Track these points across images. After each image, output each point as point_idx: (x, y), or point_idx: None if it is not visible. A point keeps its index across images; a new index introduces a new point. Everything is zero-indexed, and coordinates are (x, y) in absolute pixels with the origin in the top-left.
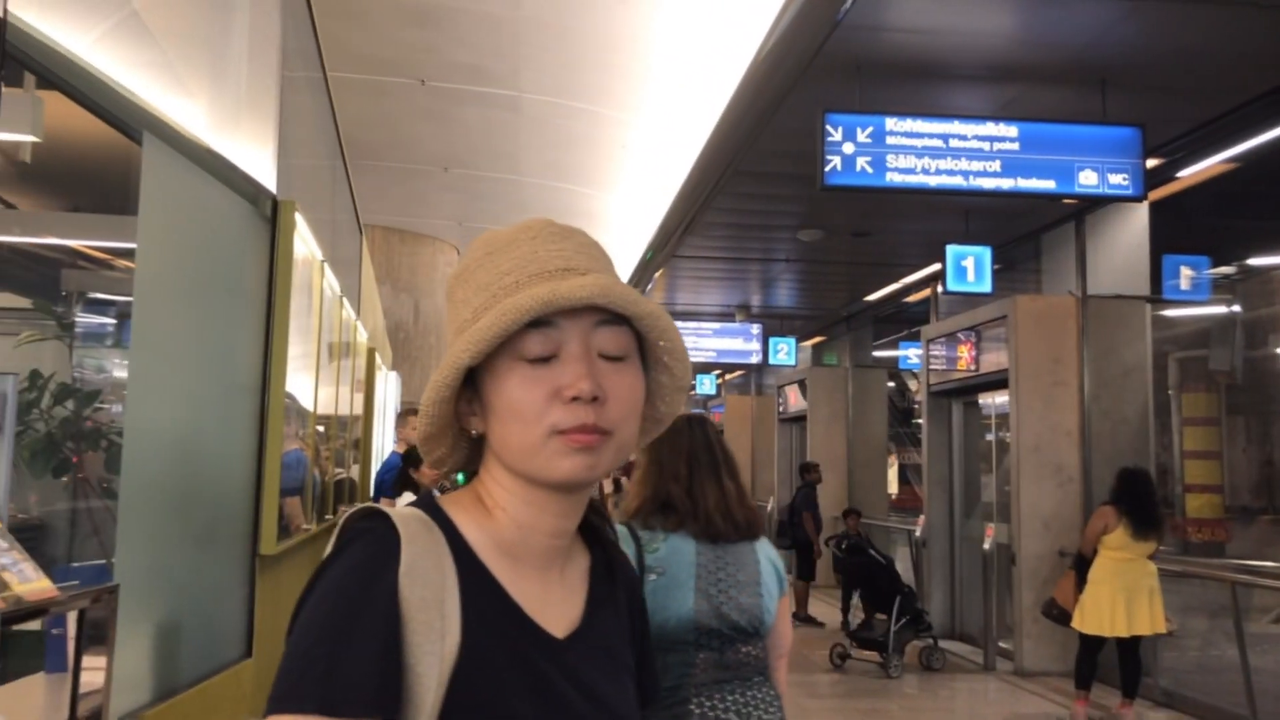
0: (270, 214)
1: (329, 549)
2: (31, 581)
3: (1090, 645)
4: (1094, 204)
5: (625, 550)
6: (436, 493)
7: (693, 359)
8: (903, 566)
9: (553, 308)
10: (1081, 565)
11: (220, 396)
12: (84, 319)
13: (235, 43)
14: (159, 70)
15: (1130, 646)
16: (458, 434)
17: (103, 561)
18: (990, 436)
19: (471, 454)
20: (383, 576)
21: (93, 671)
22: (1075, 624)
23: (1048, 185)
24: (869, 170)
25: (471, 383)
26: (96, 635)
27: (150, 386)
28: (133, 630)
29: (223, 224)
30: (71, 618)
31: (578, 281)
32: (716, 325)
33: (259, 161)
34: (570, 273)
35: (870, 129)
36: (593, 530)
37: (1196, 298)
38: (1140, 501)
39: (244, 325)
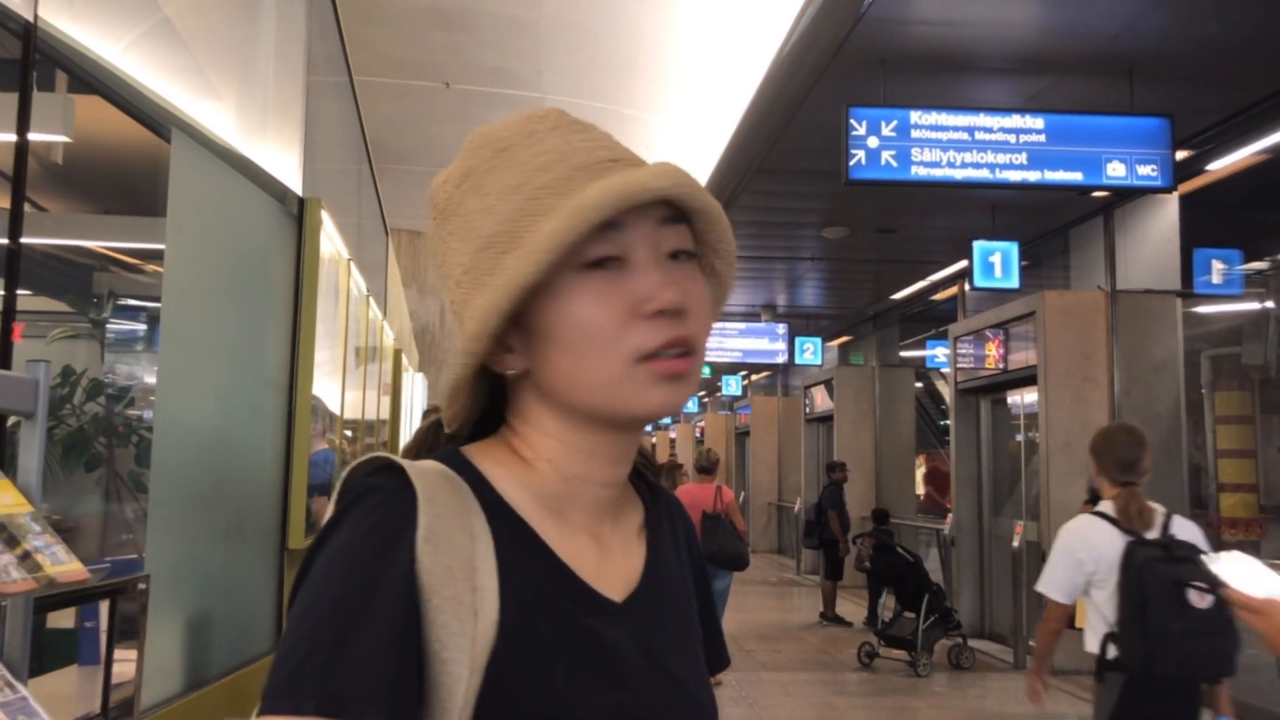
0: (297, 212)
1: (330, 510)
2: (64, 564)
3: None
4: (1122, 197)
5: None
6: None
7: (718, 359)
8: (932, 566)
9: (629, 201)
10: None
11: (248, 393)
12: (115, 324)
13: (263, 48)
14: (188, 74)
15: None
16: (481, 380)
17: (134, 556)
18: (1019, 435)
19: (478, 404)
20: (396, 544)
21: (124, 663)
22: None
23: (1075, 177)
24: (894, 164)
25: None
26: (128, 628)
27: (179, 382)
28: (163, 622)
29: (250, 221)
30: (104, 611)
31: (649, 170)
32: (742, 325)
33: (285, 163)
34: (619, 164)
35: (895, 123)
36: (641, 476)
37: (1228, 292)
38: None
39: (271, 322)
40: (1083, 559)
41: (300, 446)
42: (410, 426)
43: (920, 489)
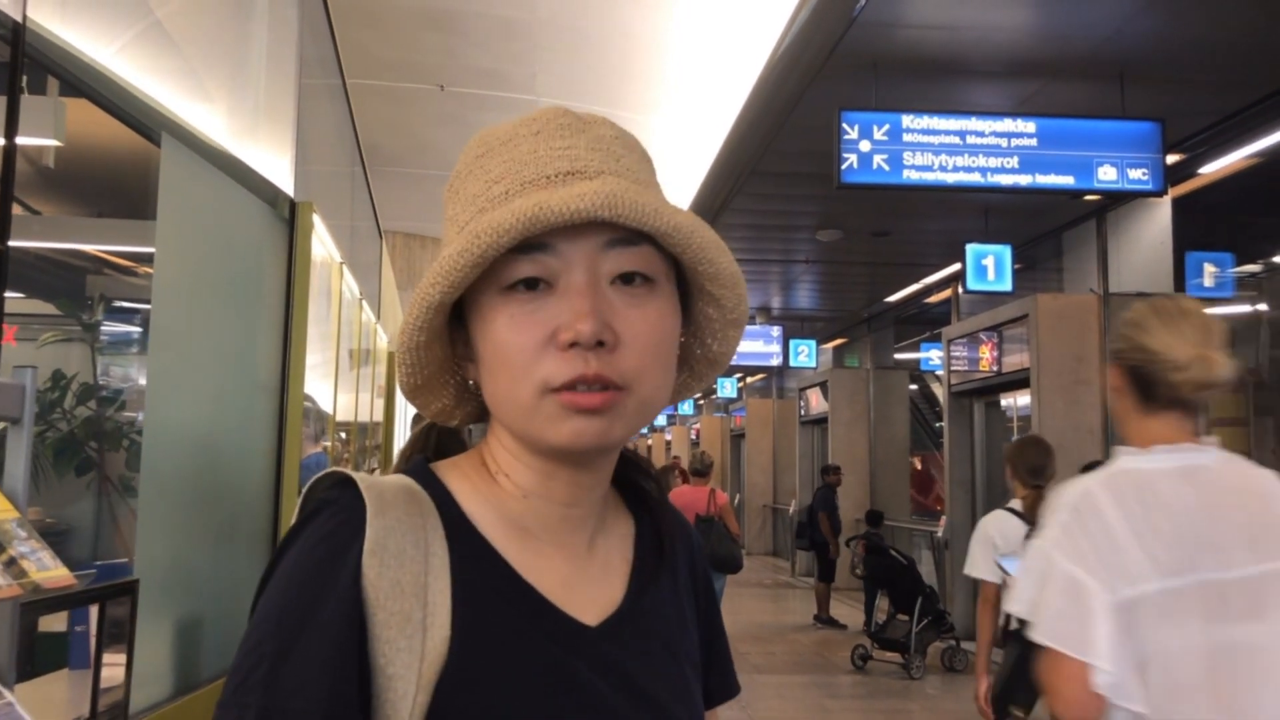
0: (288, 215)
1: (292, 521)
2: (49, 570)
3: None
4: (1115, 201)
5: None
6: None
7: None
8: (926, 569)
9: (539, 225)
10: None
11: (240, 396)
12: (109, 326)
13: (255, 51)
14: (180, 77)
15: None
16: (462, 383)
17: (124, 560)
18: (1013, 437)
19: (471, 405)
20: (342, 557)
21: (114, 667)
22: None
23: (1066, 181)
24: (885, 168)
25: (463, 318)
26: (117, 632)
27: (169, 385)
28: (153, 626)
29: (241, 225)
30: (94, 614)
31: (575, 189)
32: None
33: (277, 166)
34: (575, 177)
35: (886, 126)
36: (637, 491)
37: (1220, 295)
38: None
39: (263, 325)
40: (998, 543)
41: (292, 450)
42: (404, 428)
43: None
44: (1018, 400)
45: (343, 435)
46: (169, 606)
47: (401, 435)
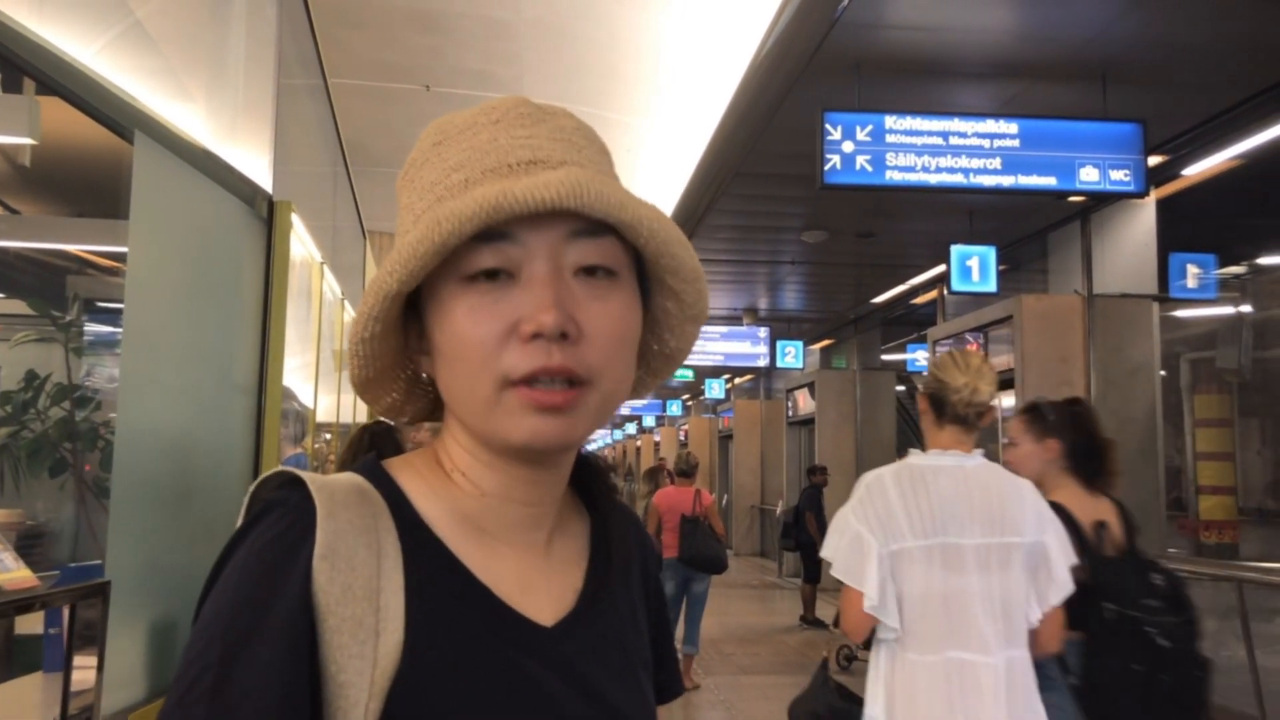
0: (267, 215)
1: (238, 522)
2: (10, 571)
3: None
4: (1099, 202)
5: None
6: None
7: (700, 363)
8: None
9: (502, 214)
10: None
11: (216, 396)
12: (91, 326)
13: (233, 51)
14: (158, 75)
15: None
16: (414, 377)
17: (98, 561)
18: (999, 438)
19: (438, 400)
20: (291, 561)
21: (86, 670)
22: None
23: (1049, 182)
24: (868, 169)
25: (419, 309)
26: (89, 634)
27: (142, 385)
28: (125, 628)
29: (217, 224)
30: (65, 617)
31: (540, 178)
32: (724, 328)
33: (256, 166)
34: (537, 166)
35: (869, 127)
36: (592, 490)
37: (1204, 296)
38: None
39: (240, 325)
40: None
41: (269, 451)
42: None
43: None
44: (1002, 401)
45: (326, 436)
46: (142, 609)
47: None
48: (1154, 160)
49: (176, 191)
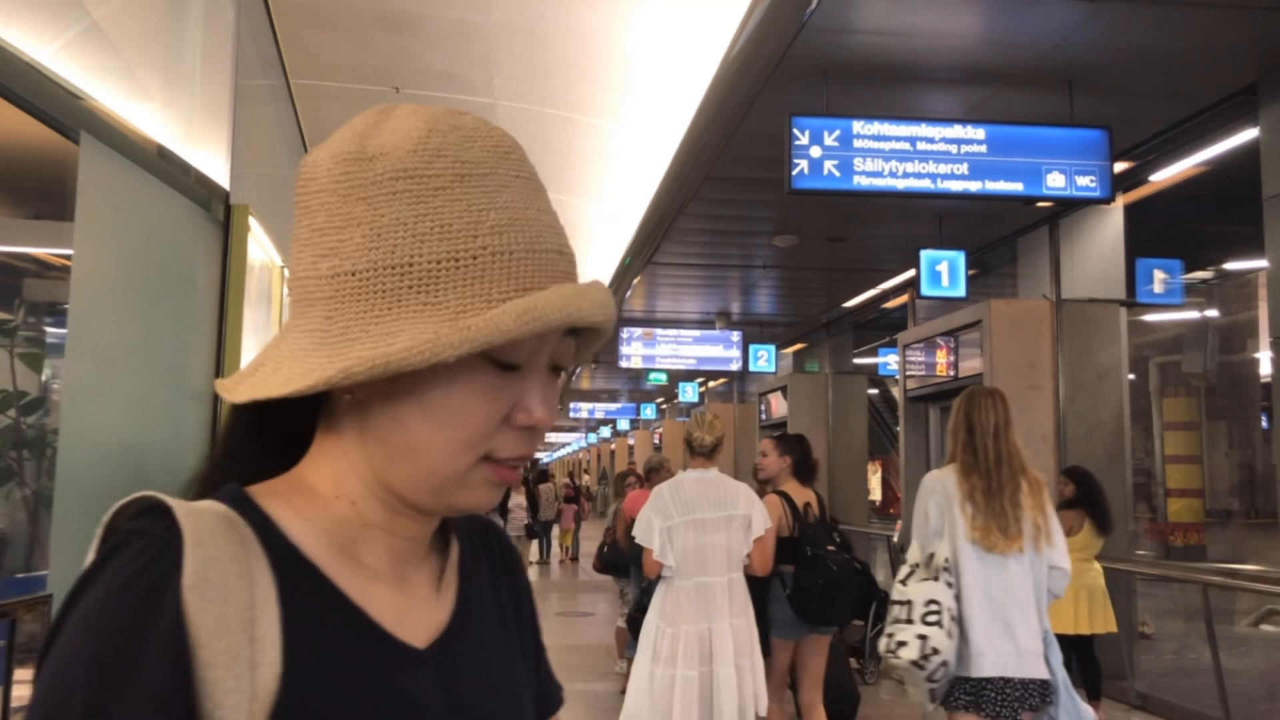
0: (224, 218)
1: (90, 555)
2: None
3: (1063, 649)
4: (1068, 208)
5: None
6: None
7: (673, 366)
8: (882, 574)
9: (575, 325)
10: None
11: (168, 404)
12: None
13: (189, 51)
14: (105, 75)
15: (1087, 646)
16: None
17: (44, 572)
18: None
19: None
20: (160, 594)
21: (26, 685)
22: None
23: (1015, 188)
24: (836, 174)
25: None
26: (33, 646)
27: (88, 392)
28: None
29: (169, 227)
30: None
31: (596, 297)
32: (697, 332)
33: (212, 167)
34: (563, 259)
35: (837, 132)
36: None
37: (1170, 301)
38: (1100, 502)
39: (194, 331)
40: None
41: None
42: None
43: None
44: None
45: None
46: None
47: None
48: (1120, 166)
49: (125, 194)
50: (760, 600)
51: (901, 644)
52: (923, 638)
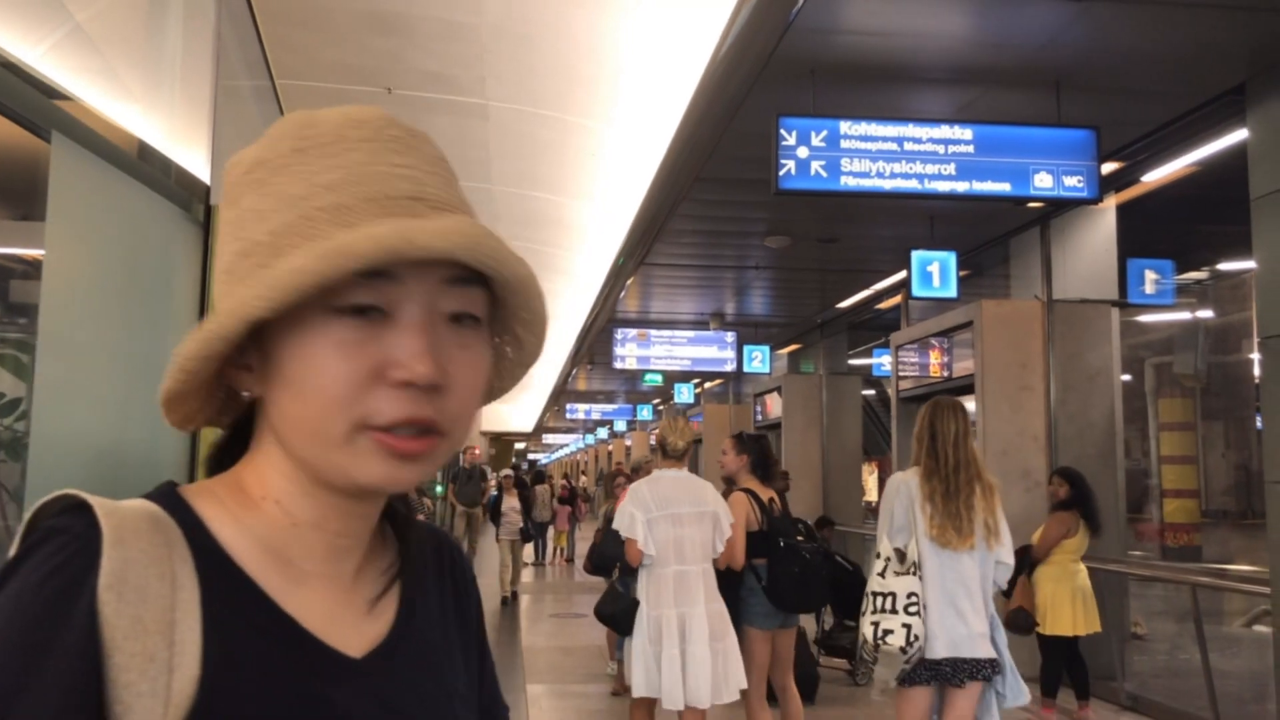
0: (204, 218)
1: (11, 552)
2: None
3: (1056, 650)
4: (1059, 208)
5: None
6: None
7: (668, 367)
8: None
9: (401, 258)
10: (1027, 570)
11: (146, 405)
12: (23, 333)
13: (170, 51)
14: (82, 74)
15: (1075, 648)
16: (214, 385)
17: None
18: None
19: (226, 404)
20: (74, 595)
21: None
22: (1045, 628)
23: (1003, 188)
24: (823, 174)
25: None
26: None
27: (61, 396)
28: None
29: (146, 228)
30: None
31: (437, 225)
32: (691, 333)
33: (193, 167)
34: (421, 204)
35: (824, 133)
36: (401, 515)
37: (1162, 302)
38: (1091, 503)
39: (174, 332)
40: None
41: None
42: None
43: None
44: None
45: None
46: None
47: None
48: (1112, 167)
49: (98, 194)
50: (733, 594)
51: (889, 631)
52: (907, 626)
